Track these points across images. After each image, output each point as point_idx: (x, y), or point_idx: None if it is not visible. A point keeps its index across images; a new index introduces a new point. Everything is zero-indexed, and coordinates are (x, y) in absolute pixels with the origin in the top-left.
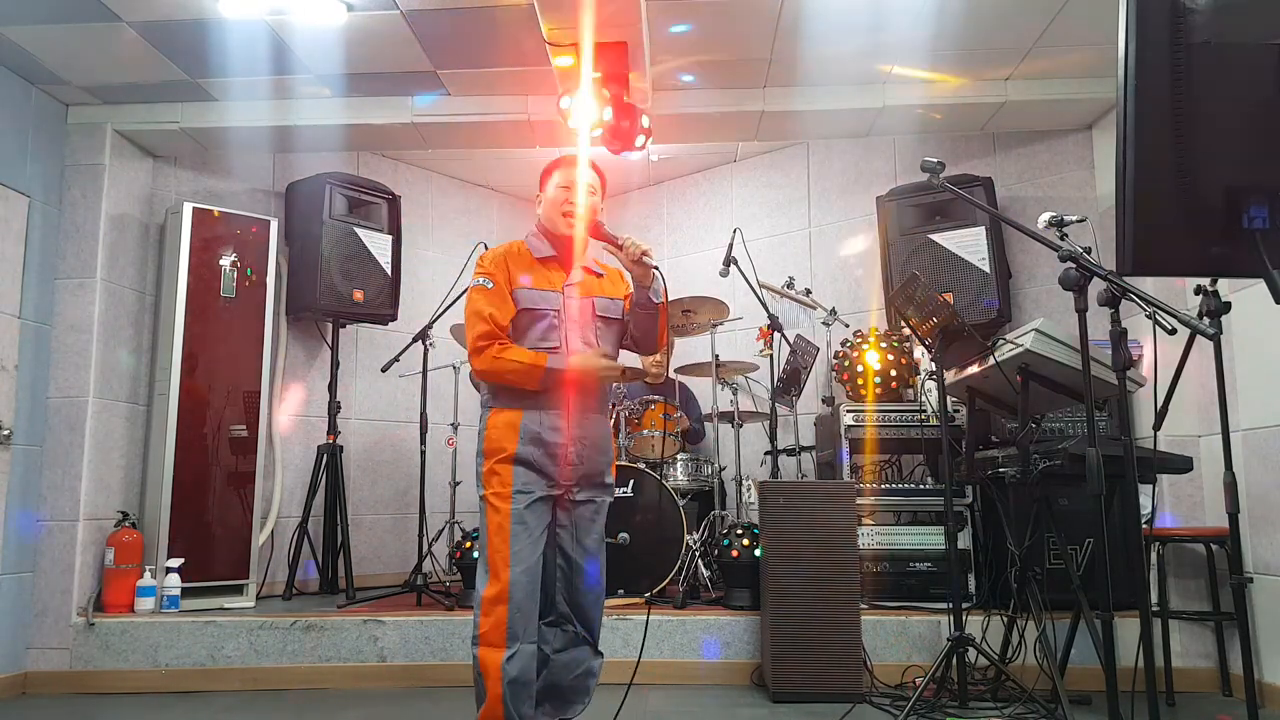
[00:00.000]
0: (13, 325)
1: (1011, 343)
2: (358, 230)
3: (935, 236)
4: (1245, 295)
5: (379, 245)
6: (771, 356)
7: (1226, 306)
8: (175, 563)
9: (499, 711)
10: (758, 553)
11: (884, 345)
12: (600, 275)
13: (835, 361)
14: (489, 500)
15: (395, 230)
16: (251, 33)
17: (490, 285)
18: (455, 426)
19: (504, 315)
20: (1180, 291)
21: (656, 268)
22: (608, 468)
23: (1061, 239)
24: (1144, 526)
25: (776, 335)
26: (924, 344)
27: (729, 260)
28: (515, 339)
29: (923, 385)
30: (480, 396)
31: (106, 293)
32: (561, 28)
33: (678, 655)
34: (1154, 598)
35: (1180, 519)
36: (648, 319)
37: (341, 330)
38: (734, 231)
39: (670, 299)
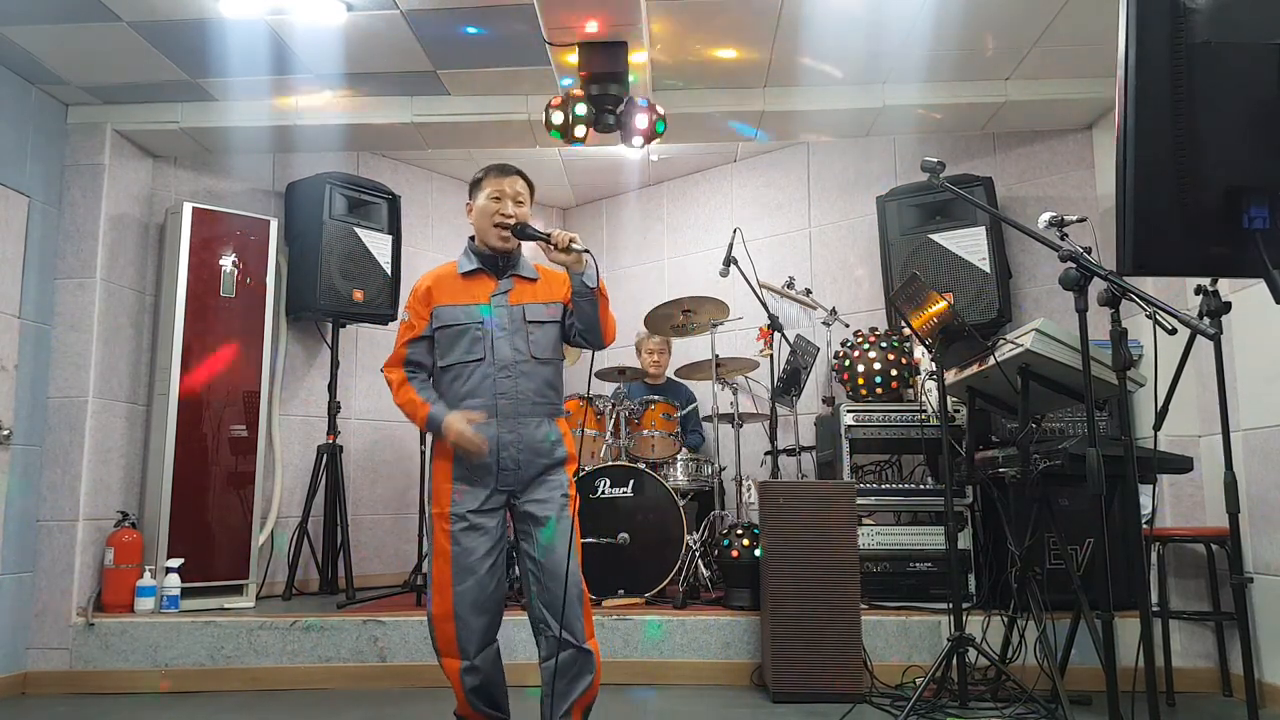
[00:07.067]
0: (13, 325)
1: (1011, 343)
2: (357, 230)
3: (935, 236)
4: (1245, 295)
5: (379, 245)
6: (771, 356)
7: (1226, 306)
8: (175, 563)
9: (468, 709)
10: (758, 553)
11: (884, 345)
12: (534, 280)
13: (835, 361)
14: (433, 519)
15: (395, 230)
16: (251, 32)
17: (405, 318)
18: None
19: (402, 353)
20: (1180, 291)
21: (587, 250)
22: (553, 468)
23: (1061, 239)
24: (1144, 526)
25: (776, 335)
26: (924, 344)
27: (729, 260)
28: (442, 355)
29: (923, 385)
30: None
31: (106, 292)
32: (561, 27)
33: (678, 655)
34: (1154, 598)
35: (1180, 519)
36: (588, 307)
37: (341, 330)
38: (734, 231)
39: (670, 299)
